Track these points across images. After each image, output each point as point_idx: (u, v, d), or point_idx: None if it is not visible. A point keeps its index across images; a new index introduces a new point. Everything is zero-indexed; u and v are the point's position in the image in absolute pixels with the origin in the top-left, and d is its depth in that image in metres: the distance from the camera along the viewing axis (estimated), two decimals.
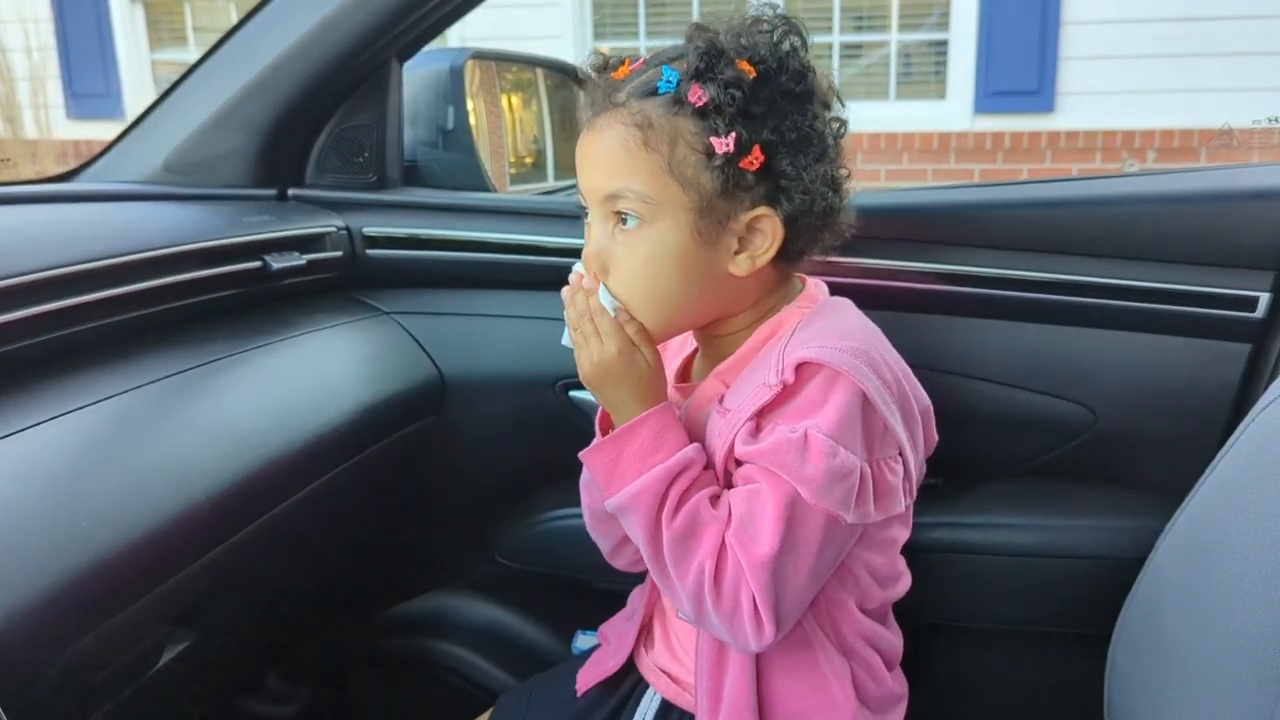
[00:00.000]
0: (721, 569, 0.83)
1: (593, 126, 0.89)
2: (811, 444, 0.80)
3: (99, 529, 0.80)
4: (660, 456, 0.86)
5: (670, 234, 0.86)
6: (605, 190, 0.87)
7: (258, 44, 1.25)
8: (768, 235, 0.87)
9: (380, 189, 1.35)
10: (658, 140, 0.84)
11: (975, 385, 1.20)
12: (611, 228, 0.88)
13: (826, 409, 0.81)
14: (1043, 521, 1.19)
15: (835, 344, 0.84)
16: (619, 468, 0.87)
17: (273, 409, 1.05)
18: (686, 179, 0.85)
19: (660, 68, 0.85)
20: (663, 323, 0.91)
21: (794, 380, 0.83)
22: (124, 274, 1.00)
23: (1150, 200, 1.19)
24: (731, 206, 0.86)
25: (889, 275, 1.18)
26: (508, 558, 1.38)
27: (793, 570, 0.82)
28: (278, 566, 1.12)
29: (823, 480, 0.80)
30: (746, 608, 0.82)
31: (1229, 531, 0.84)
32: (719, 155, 0.83)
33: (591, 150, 0.89)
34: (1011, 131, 5.68)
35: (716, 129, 0.83)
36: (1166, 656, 0.89)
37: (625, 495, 0.86)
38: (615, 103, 0.87)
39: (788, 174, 0.85)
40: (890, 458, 0.86)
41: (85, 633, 0.78)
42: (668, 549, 0.84)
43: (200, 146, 1.27)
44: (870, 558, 0.93)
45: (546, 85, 1.96)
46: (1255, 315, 1.13)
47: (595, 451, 0.89)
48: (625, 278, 0.88)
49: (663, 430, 0.87)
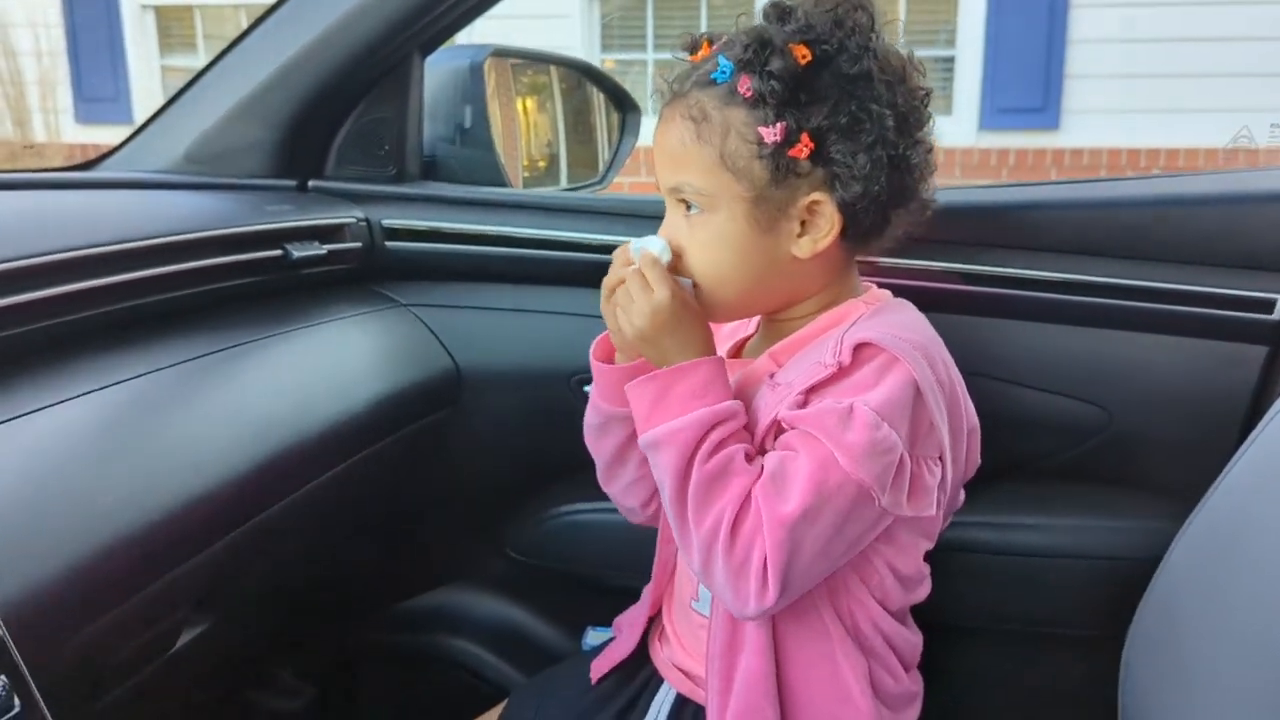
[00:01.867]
0: (741, 519, 0.82)
1: (660, 117, 0.91)
2: (857, 414, 0.81)
3: (120, 508, 0.80)
4: (708, 400, 0.86)
5: (727, 223, 0.88)
6: (668, 183, 0.90)
7: (281, 36, 1.25)
8: (826, 219, 0.87)
9: (400, 182, 1.35)
10: (710, 133, 0.86)
11: (990, 385, 1.20)
12: (681, 213, 0.91)
13: (878, 389, 0.82)
14: (1057, 522, 1.18)
15: (897, 333, 0.84)
16: (665, 402, 0.87)
17: (290, 396, 1.05)
18: (739, 169, 0.86)
19: (718, 56, 0.86)
20: (730, 303, 0.93)
21: (850, 362, 0.83)
22: (146, 258, 1.01)
23: (1167, 201, 1.19)
24: (788, 194, 0.86)
25: (905, 274, 1.18)
26: (520, 553, 1.38)
27: (811, 537, 0.81)
28: (293, 555, 1.12)
29: (863, 449, 0.80)
30: (756, 564, 0.82)
31: (1246, 534, 0.84)
32: (768, 145, 0.84)
33: (658, 143, 0.91)
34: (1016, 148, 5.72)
35: (765, 118, 0.84)
36: (1182, 659, 0.89)
37: (665, 429, 0.85)
38: (677, 93, 0.89)
39: (838, 160, 0.85)
40: (931, 457, 0.86)
41: (105, 612, 0.78)
42: (693, 489, 0.84)
43: (222, 137, 1.28)
44: (894, 559, 0.92)
45: (561, 88, 1.97)
46: (1272, 317, 1.13)
47: (644, 383, 0.88)
48: (692, 261, 0.90)
49: (714, 379, 0.88)
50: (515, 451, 1.34)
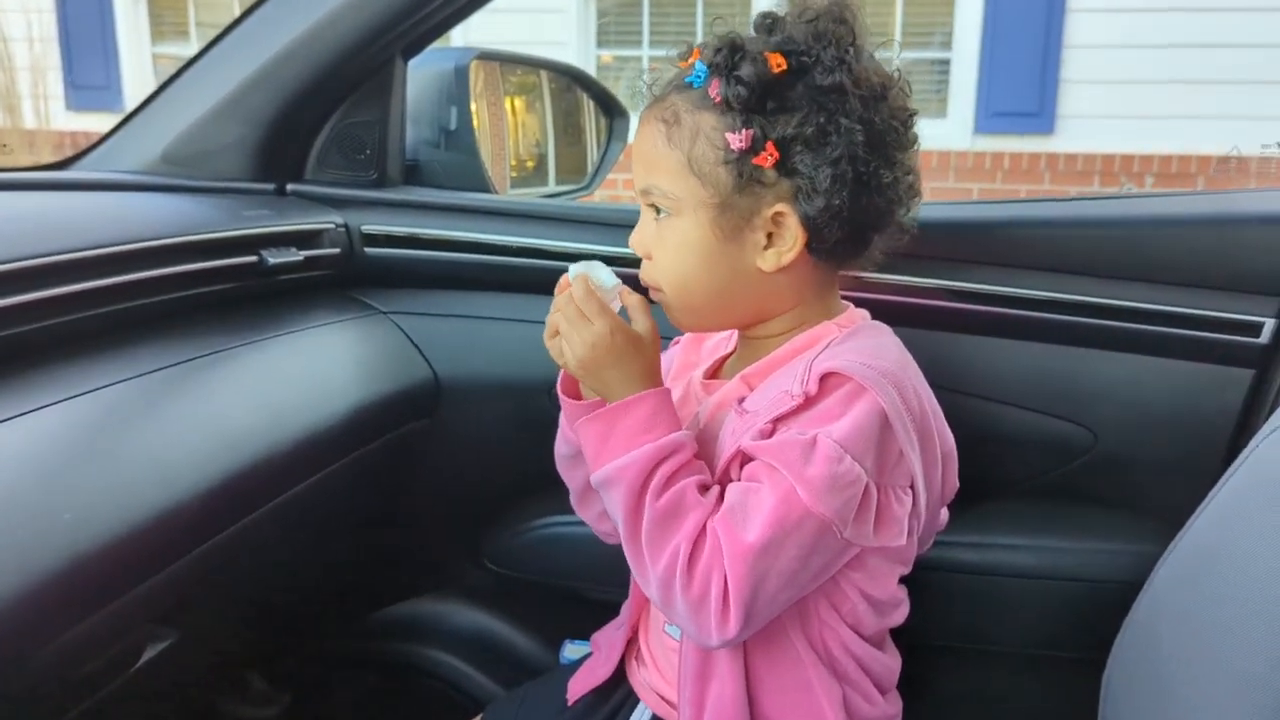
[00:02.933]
0: (697, 555, 0.81)
1: (640, 119, 0.91)
2: (819, 447, 0.79)
3: (82, 523, 0.78)
4: (653, 435, 0.85)
5: (692, 228, 0.87)
6: (639, 185, 0.90)
7: (262, 36, 1.24)
8: (790, 232, 0.86)
9: (380, 187, 1.33)
10: (680, 136, 0.86)
11: (975, 403, 1.19)
12: (652, 216, 0.91)
13: (844, 420, 0.80)
14: (1040, 543, 1.18)
15: (866, 360, 0.83)
16: (610, 441, 0.86)
17: (264, 406, 1.03)
18: (705, 175, 0.85)
19: (696, 61, 0.86)
20: (694, 313, 0.93)
21: (817, 391, 0.82)
22: (117, 264, 0.99)
23: (1157, 222, 1.18)
24: (753, 202, 0.86)
25: (891, 290, 1.17)
26: (498, 564, 1.37)
27: (775, 570, 0.80)
28: (263, 567, 1.11)
29: (824, 483, 0.79)
30: (715, 598, 0.80)
31: (1229, 559, 0.83)
32: (734, 151, 0.83)
33: (636, 144, 0.92)
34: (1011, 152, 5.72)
35: (733, 125, 0.83)
36: (1162, 684, 0.88)
37: (612, 468, 0.85)
38: (656, 96, 0.90)
39: (802, 172, 0.84)
40: (900, 486, 0.84)
41: (66, 629, 0.76)
42: (646, 528, 0.83)
43: (200, 138, 1.26)
44: (866, 586, 0.91)
45: (551, 89, 1.95)
46: (1259, 340, 1.12)
47: (589, 423, 0.87)
48: (658, 265, 0.91)
49: (658, 411, 0.86)
50: (494, 462, 1.33)
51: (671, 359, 1.05)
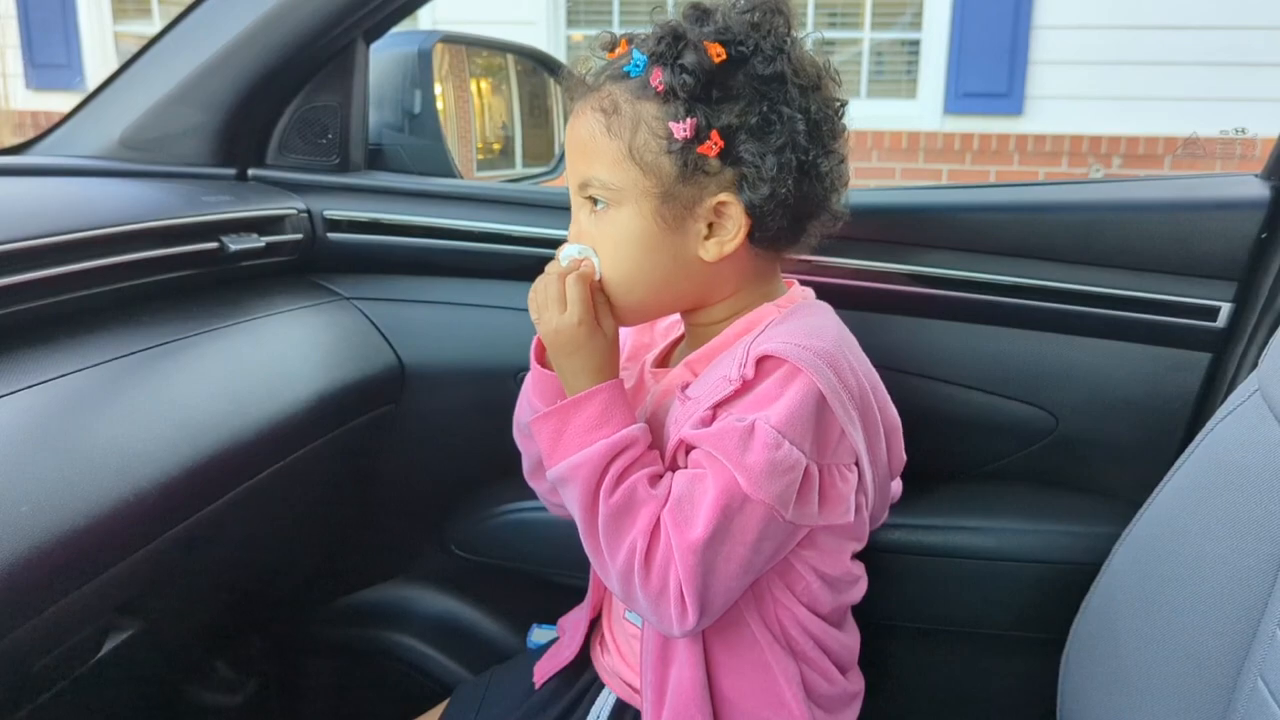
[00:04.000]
0: (653, 549, 0.82)
1: (573, 111, 0.90)
2: (757, 434, 0.80)
3: (40, 514, 0.77)
4: (605, 432, 0.85)
5: (634, 219, 0.87)
6: (576, 178, 0.89)
7: (221, 19, 1.22)
8: (733, 221, 0.86)
9: (343, 172, 1.32)
10: (620, 126, 0.85)
11: (937, 387, 1.20)
12: (588, 211, 0.90)
13: (779, 403, 0.81)
14: (1001, 525, 1.19)
15: (801, 341, 0.83)
16: (563, 438, 0.86)
17: (226, 394, 1.03)
18: (647, 164, 0.85)
19: (632, 50, 0.85)
20: (636, 304, 0.92)
21: (754, 375, 0.82)
22: (75, 251, 0.98)
23: (1116, 207, 1.19)
24: (695, 192, 0.85)
25: (853, 274, 1.18)
26: (464, 550, 1.37)
27: (723, 559, 0.81)
28: (227, 555, 1.10)
29: (762, 470, 0.79)
30: (674, 589, 0.81)
31: (1185, 540, 0.85)
32: (678, 140, 0.83)
33: (570, 137, 0.90)
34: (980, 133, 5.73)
35: (676, 113, 0.83)
36: (1119, 663, 0.90)
37: (566, 466, 0.85)
38: (590, 86, 0.88)
39: (747, 160, 0.84)
40: (844, 464, 0.85)
41: (23, 621, 0.76)
42: (602, 524, 0.83)
43: (159, 122, 1.24)
44: (819, 563, 0.92)
45: (517, 71, 1.94)
46: (1216, 325, 1.14)
47: (543, 420, 0.88)
48: (601, 260, 0.89)
49: (610, 406, 0.87)
50: (460, 448, 1.33)
51: (625, 341, 1.05)
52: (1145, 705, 0.84)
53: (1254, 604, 0.73)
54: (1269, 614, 0.72)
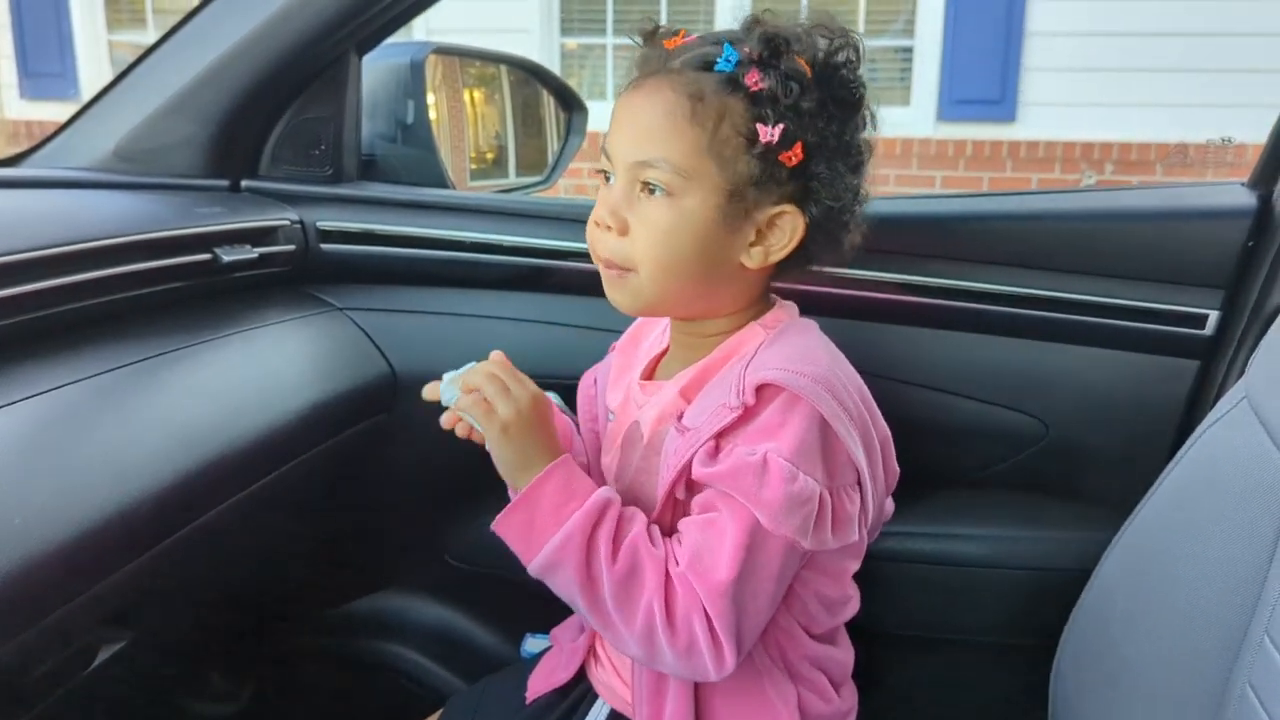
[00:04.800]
0: (672, 604, 0.81)
1: (640, 87, 0.87)
2: (771, 467, 0.79)
3: (33, 527, 0.77)
4: (576, 504, 0.83)
5: (696, 210, 0.85)
6: (637, 156, 0.85)
7: (214, 31, 1.22)
8: (786, 232, 0.87)
9: (336, 183, 1.33)
10: (705, 115, 0.83)
11: (928, 395, 1.21)
12: (636, 190, 0.86)
13: (785, 432, 0.81)
14: (992, 532, 1.19)
15: (796, 368, 0.83)
16: (536, 526, 0.84)
17: (219, 405, 1.03)
18: (724, 159, 0.84)
19: (723, 44, 0.84)
20: (663, 294, 0.89)
21: (754, 402, 0.82)
22: (69, 263, 0.98)
23: (1104, 216, 1.20)
24: (760, 196, 0.85)
25: (843, 283, 1.18)
26: (458, 559, 1.37)
27: (751, 595, 0.81)
28: (220, 566, 1.10)
29: (781, 505, 0.79)
30: (703, 639, 0.80)
31: (1174, 546, 0.85)
32: (761, 144, 0.83)
33: (633, 111, 0.87)
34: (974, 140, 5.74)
35: (765, 117, 0.82)
36: (1111, 669, 0.90)
37: (550, 550, 0.82)
38: (670, 68, 0.85)
39: (821, 177, 0.85)
40: (849, 486, 0.85)
41: (15, 634, 0.76)
42: (611, 593, 0.82)
43: (153, 134, 1.24)
44: (821, 585, 0.92)
45: (510, 81, 1.94)
46: (1204, 332, 1.15)
47: (507, 518, 0.85)
48: (641, 244, 0.86)
49: (571, 478, 0.85)
50: (453, 457, 1.31)
51: (609, 365, 1.05)
52: (1137, 711, 0.84)
53: (1242, 611, 0.73)
54: (1256, 621, 0.72)
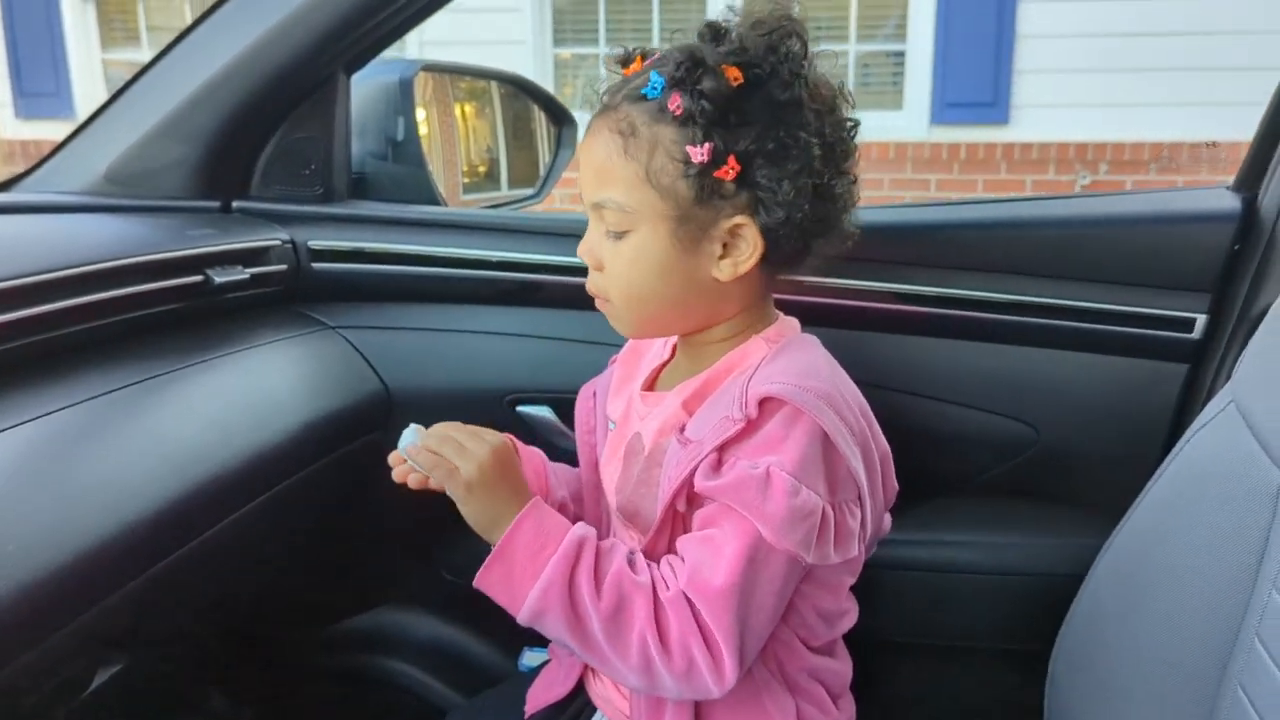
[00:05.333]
0: (665, 630, 0.81)
1: (589, 130, 0.89)
2: (774, 481, 0.80)
3: (27, 553, 0.78)
4: (551, 549, 0.83)
5: (650, 241, 0.86)
6: (592, 198, 0.89)
7: (202, 54, 1.23)
8: (748, 242, 0.87)
9: (327, 202, 1.33)
10: (637, 148, 0.85)
11: (919, 403, 1.21)
12: (604, 229, 0.89)
13: (788, 445, 0.81)
14: (984, 539, 1.20)
15: (799, 382, 0.83)
16: (515, 578, 0.84)
17: (213, 426, 1.03)
18: (664, 187, 0.84)
19: (650, 72, 0.85)
20: (644, 320, 0.92)
21: (757, 415, 0.82)
22: (60, 288, 0.98)
23: (1091, 222, 1.20)
24: (711, 214, 0.86)
25: (834, 293, 1.19)
26: (455, 573, 1.37)
27: (754, 609, 0.81)
28: (216, 586, 1.10)
29: (784, 519, 0.79)
30: (701, 660, 0.81)
31: (1164, 550, 0.85)
32: (695, 164, 0.83)
33: (584, 155, 0.90)
34: (967, 143, 5.75)
35: (694, 137, 0.83)
36: (1105, 674, 0.90)
37: (533, 598, 0.82)
38: (607, 105, 0.88)
39: (763, 185, 0.84)
40: (850, 501, 0.85)
41: (10, 660, 0.76)
42: (601, 631, 0.82)
43: (143, 157, 1.25)
44: (819, 599, 0.92)
45: (500, 95, 1.95)
46: (1192, 336, 1.15)
47: (486, 573, 0.85)
48: (611, 278, 0.90)
49: (541, 521, 0.85)
50: None
51: (610, 376, 1.05)
52: (1131, 715, 0.84)
53: (1232, 614, 0.74)
54: (1247, 624, 0.72)
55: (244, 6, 1.22)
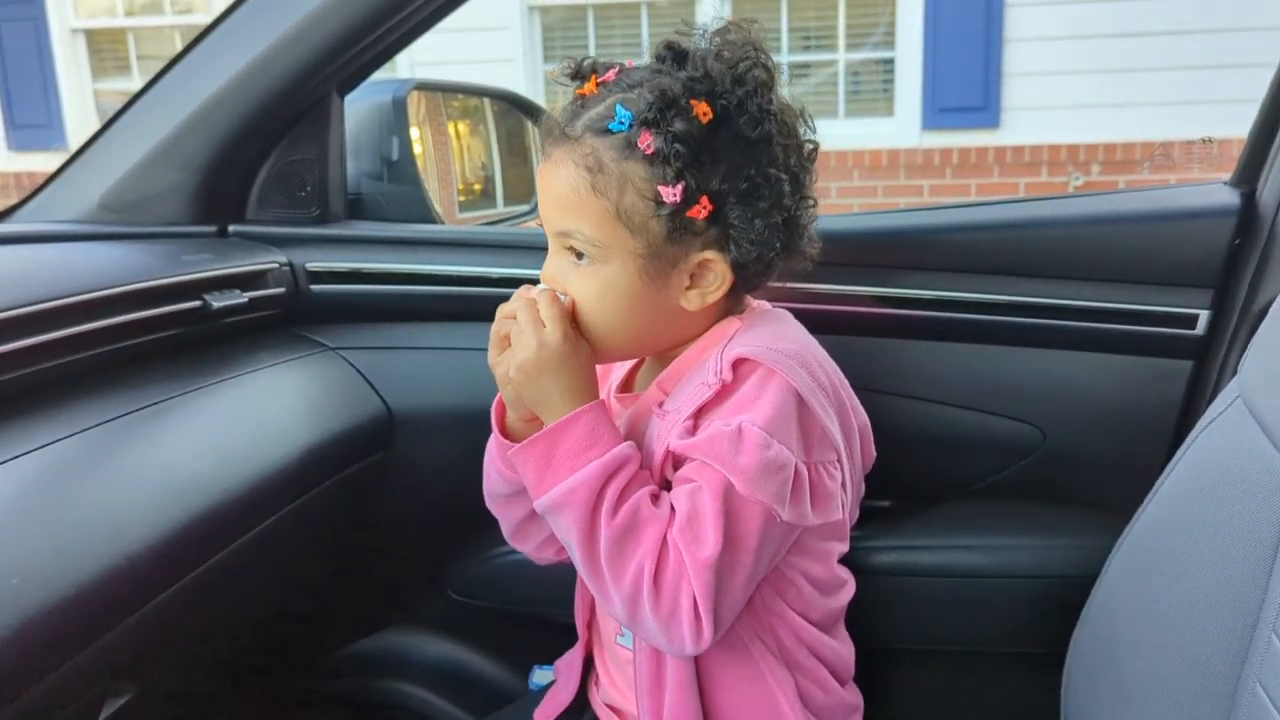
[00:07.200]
0: (663, 568, 0.81)
1: (549, 158, 0.88)
2: (745, 435, 0.80)
3: (30, 587, 0.77)
4: (596, 452, 0.84)
5: (619, 275, 0.86)
6: (557, 227, 0.88)
7: (195, 79, 1.23)
8: (717, 275, 0.87)
9: (323, 223, 1.33)
10: (607, 185, 0.84)
11: (925, 407, 1.21)
12: (569, 259, 0.88)
13: (761, 404, 0.82)
14: (994, 542, 1.19)
15: (771, 344, 0.84)
16: (552, 465, 0.85)
17: (214, 453, 1.02)
18: (635, 225, 0.84)
19: (615, 105, 0.84)
20: (616, 349, 0.92)
21: (731, 379, 0.83)
22: (59, 318, 0.98)
23: (1091, 221, 1.20)
24: (681, 250, 0.86)
25: (837, 300, 1.18)
26: (462, 594, 1.36)
27: (732, 570, 0.81)
28: (222, 613, 1.09)
29: (756, 470, 0.80)
30: (686, 609, 0.81)
31: (1176, 548, 0.85)
32: (667, 204, 0.82)
33: (545, 184, 0.88)
34: (959, 147, 5.77)
35: (665, 177, 0.82)
36: (1120, 674, 0.90)
37: (559, 492, 0.83)
38: (569, 136, 0.86)
39: (736, 224, 0.84)
40: (829, 462, 0.86)
41: (15, 695, 0.75)
42: (605, 548, 0.82)
43: (137, 184, 1.25)
44: (808, 567, 0.92)
45: (494, 111, 1.96)
46: (1195, 332, 1.15)
47: (526, 449, 0.86)
48: (581, 308, 0.89)
49: (597, 426, 0.86)
50: (452, 492, 1.31)
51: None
52: (1145, 711, 0.84)
53: (1248, 611, 0.73)
54: (1263, 620, 0.72)
55: (235, 31, 1.22)
